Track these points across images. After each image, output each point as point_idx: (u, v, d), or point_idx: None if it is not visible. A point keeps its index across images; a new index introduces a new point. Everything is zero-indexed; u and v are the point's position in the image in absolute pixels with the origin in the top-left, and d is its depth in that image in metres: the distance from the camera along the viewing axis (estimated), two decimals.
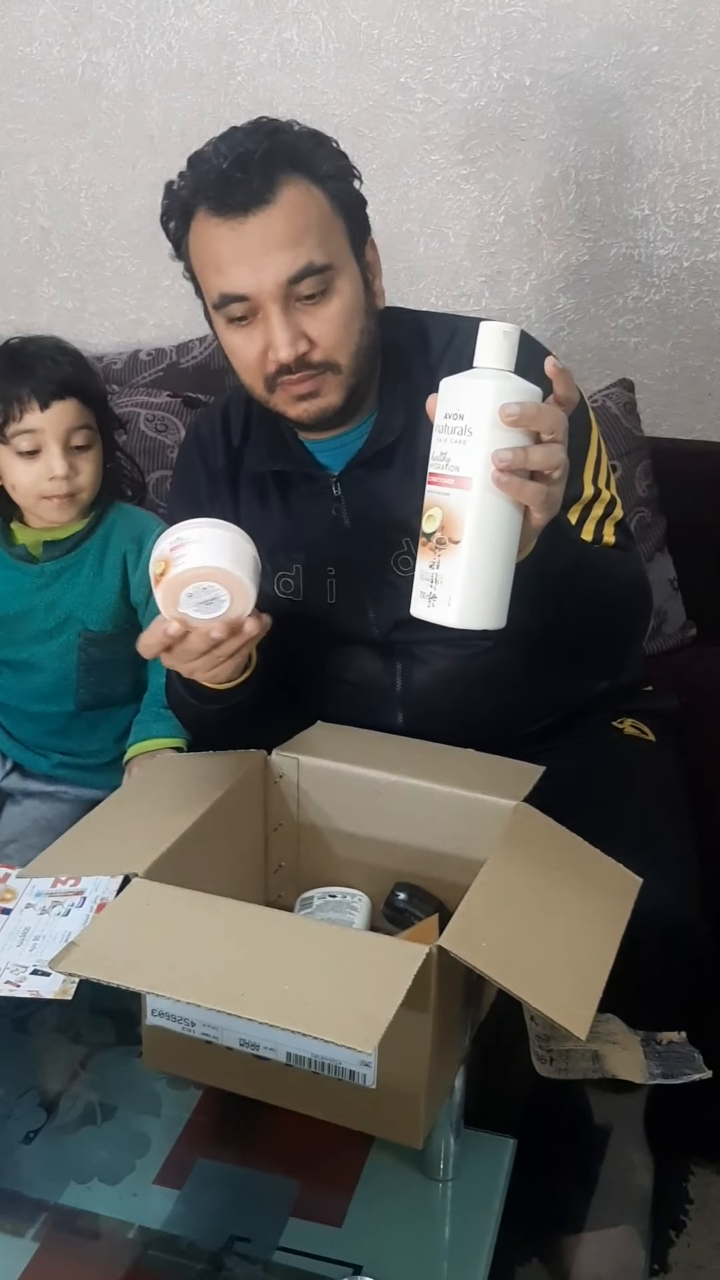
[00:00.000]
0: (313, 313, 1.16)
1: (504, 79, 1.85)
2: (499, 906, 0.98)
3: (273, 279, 1.13)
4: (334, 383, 1.20)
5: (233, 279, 1.15)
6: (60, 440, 1.39)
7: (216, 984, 0.88)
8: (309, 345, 1.17)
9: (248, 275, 1.14)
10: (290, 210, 1.13)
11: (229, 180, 1.12)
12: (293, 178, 1.14)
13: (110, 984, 0.88)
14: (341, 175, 1.19)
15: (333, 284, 1.16)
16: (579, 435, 1.21)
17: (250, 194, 1.12)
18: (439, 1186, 0.97)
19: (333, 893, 1.18)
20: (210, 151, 1.17)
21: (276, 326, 1.15)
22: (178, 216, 1.19)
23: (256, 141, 1.14)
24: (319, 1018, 0.84)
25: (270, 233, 1.13)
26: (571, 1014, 0.90)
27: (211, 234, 1.15)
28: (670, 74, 1.80)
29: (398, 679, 1.31)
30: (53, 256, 2.14)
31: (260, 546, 1.19)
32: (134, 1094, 1.04)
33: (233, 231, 1.13)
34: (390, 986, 0.86)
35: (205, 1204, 0.94)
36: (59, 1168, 0.97)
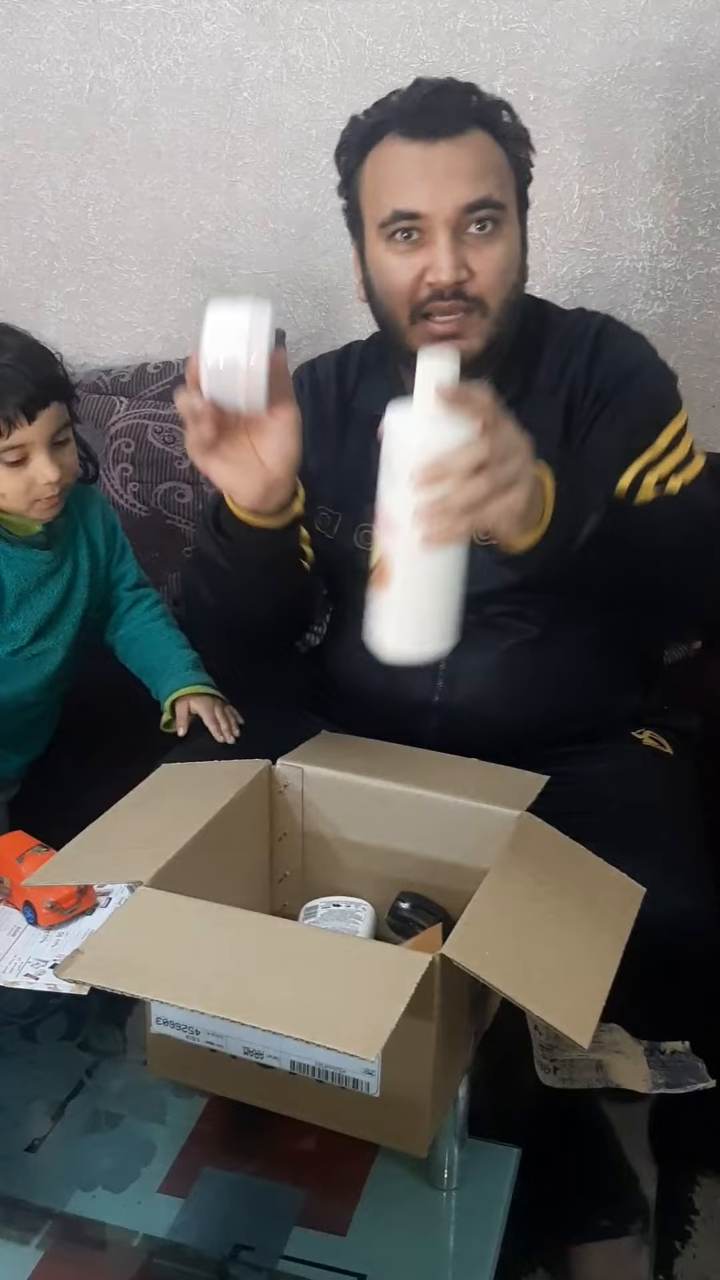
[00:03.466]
0: (478, 247, 1.20)
1: (508, 94, 1.81)
2: (502, 916, 0.98)
3: (452, 201, 1.18)
4: (479, 325, 1.23)
5: (413, 195, 1.19)
6: (46, 446, 1.38)
7: (220, 991, 0.88)
8: (469, 275, 1.20)
9: (429, 193, 1.18)
10: (477, 149, 1.20)
11: (429, 106, 1.19)
12: (479, 132, 1.21)
13: (115, 991, 0.89)
14: (521, 143, 1.25)
15: (502, 226, 1.21)
16: (658, 400, 1.29)
17: (445, 122, 1.18)
18: (443, 1195, 0.97)
19: (337, 902, 1.18)
20: (408, 88, 1.23)
21: (442, 249, 1.19)
22: (356, 147, 1.25)
23: (454, 87, 1.22)
24: (322, 1025, 0.85)
25: (457, 160, 1.18)
26: (575, 1023, 0.90)
27: (399, 153, 1.20)
28: (674, 89, 1.80)
29: (443, 662, 1.30)
30: (60, 270, 2.16)
31: (354, 494, 1.25)
32: (139, 1102, 1.04)
33: (423, 151, 1.18)
34: (393, 995, 0.87)
35: (210, 1212, 0.94)
36: (64, 1175, 0.98)
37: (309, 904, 1.19)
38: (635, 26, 1.79)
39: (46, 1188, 0.98)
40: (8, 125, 2.09)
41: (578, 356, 1.30)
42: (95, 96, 2.03)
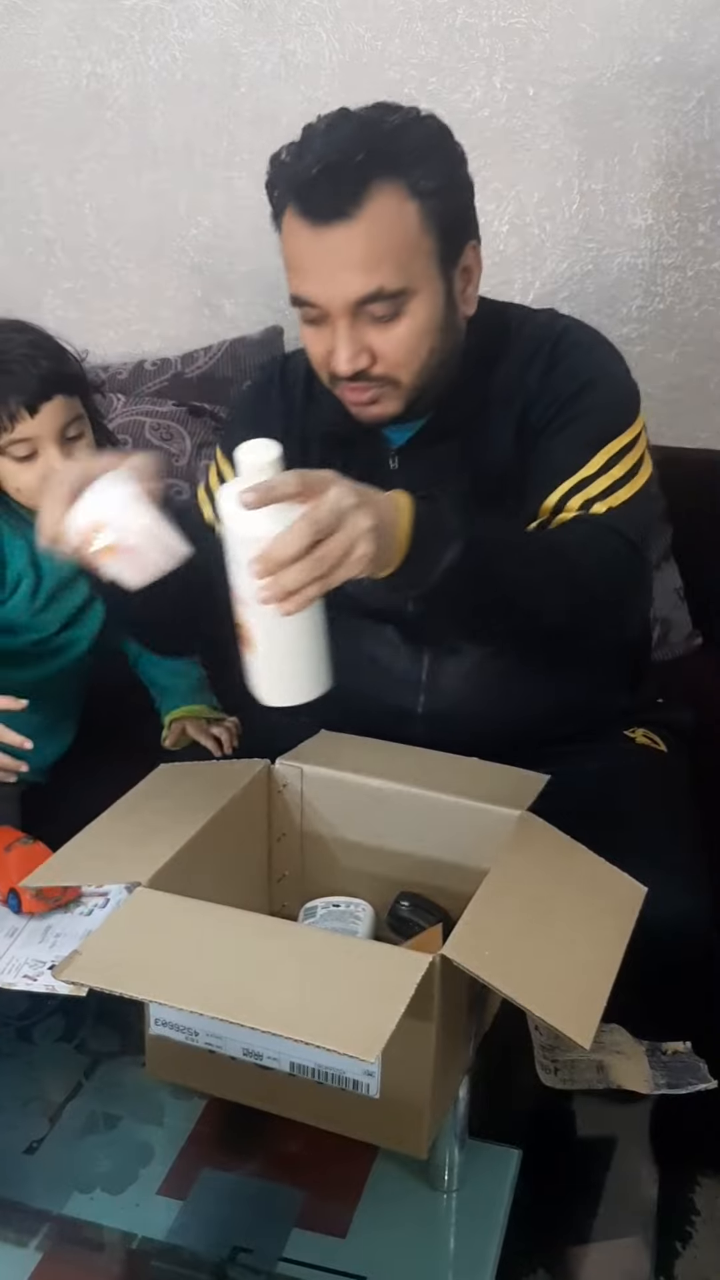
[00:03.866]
0: (381, 329, 1.14)
1: (507, 90, 1.86)
2: (503, 916, 0.98)
3: (342, 296, 1.12)
4: (393, 395, 1.19)
5: (306, 284, 1.14)
6: (56, 440, 1.36)
7: (219, 993, 0.88)
8: (370, 360, 1.16)
9: (319, 285, 1.13)
10: (373, 228, 1.10)
11: (316, 186, 1.10)
12: (387, 187, 1.10)
13: (113, 992, 0.88)
14: (447, 188, 1.14)
15: (405, 307, 1.14)
16: (602, 417, 1.22)
17: (334, 205, 1.09)
18: (443, 1197, 0.97)
19: (336, 902, 1.18)
20: (311, 143, 1.13)
21: (340, 340, 1.14)
22: (274, 193, 1.18)
23: (359, 144, 1.10)
24: (321, 1026, 0.84)
25: (348, 249, 1.10)
26: (576, 1024, 0.90)
27: (295, 232, 1.14)
28: (673, 84, 1.80)
29: (424, 665, 1.30)
30: (57, 267, 2.15)
31: None
32: (138, 1104, 1.04)
33: (313, 237, 1.11)
34: (393, 995, 0.86)
35: (209, 1214, 0.94)
36: (62, 1177, 0.97)
37: (308, 904, 1.19)
38: (635, 22, 1.78)
39: (45, 1190, 0.97)
40: (4, 121, 2.09)
41: (536, 365, 1.24)
42: (92, 92, 2.03)
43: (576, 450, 1.21)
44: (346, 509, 0.94)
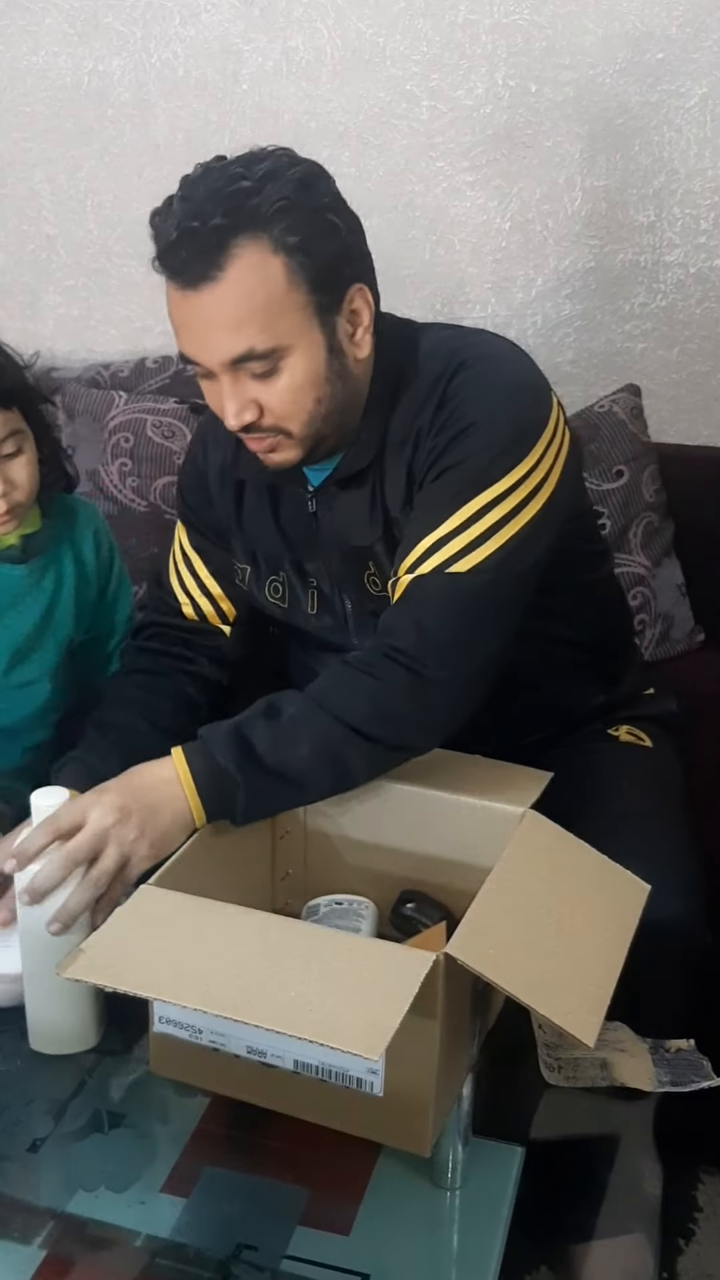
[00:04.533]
0: (261, 385, 1.14)
1: (509, 86, 1.85)
2: (507, 914, 0.98)
3: (217, 357, 1.12)
4: (288, 443, 1.18)
5: (185, 344, 1.15)
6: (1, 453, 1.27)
7: (223, 990, 0.88)
8: (258, 413, 1.15)
9: (196, 346, 1.13)
10: (235, 290, 1.09)
11: (176, 252, 1.10)
12: (249, 246, 1.08)
13: (116, 990, 0.88)
14: (313, 238, 1.10)
15: (280, 363, 1.13)
16: (474, 466, 1.16)
17: (197, 269, 1.09)
18: (447, 1195, 0.97)
19: (339, 900, 1.18)
20: (170, 205, 1.13)
21: (225, 394, 1.14)
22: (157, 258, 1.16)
23: (212, 209, 1.08)
24: (325, 1024, 0.84)
25: (214, 312, 1.10)
26: (580, 1022, 0.90)
27: (169, 293, 1.14)
28: (676, 81, 1.80)
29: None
30: (58, 264, 2.15)
31: (257, 549, 1.30)
32: (141, 1102, 1.04)
33: (183, 300, 1.12)
34: (397, 994, 0.86)
35: (212, 1212, 0.94)
36: (66, 1176, 0.97)
37: (311, 902, 1.19)
38: (637, 18, 1.78)
39: (48, 1188, 0.98)
40: (4, 118, 2.08)
41: (428, 405, 1.19)
42: (93, 89, 2.02)
43: (438, 506, 1.16)
44: (107, 828, 1.05)
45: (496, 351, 1.23)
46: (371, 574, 1.27)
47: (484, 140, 1.88)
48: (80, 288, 2.15)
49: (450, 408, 1.18)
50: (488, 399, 1.18)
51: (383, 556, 1.24)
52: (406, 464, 1.21)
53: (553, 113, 1.85)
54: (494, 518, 1.15)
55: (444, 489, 1.17)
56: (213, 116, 1.98)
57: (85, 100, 2.03)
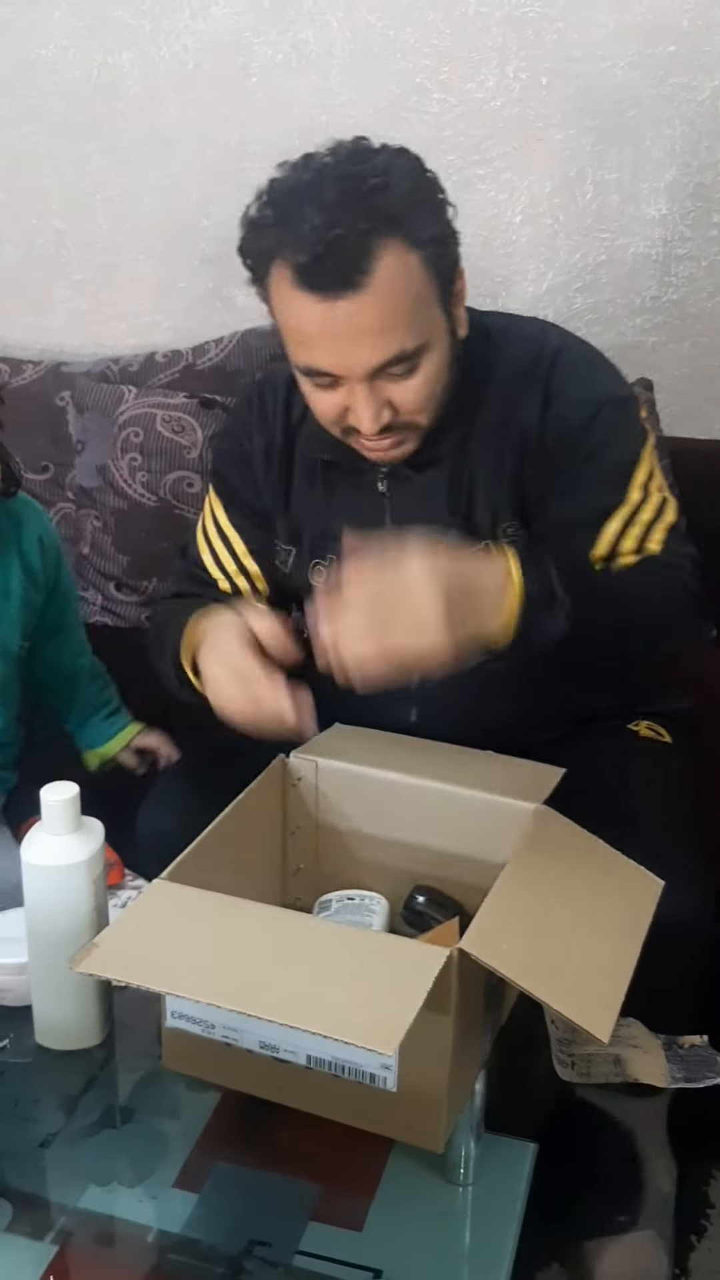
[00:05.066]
0: (399, 384, 1.12)
1: (520, 79, 1.85)
2: (520, 910, 0.98)
3: (361, 366, 1.09)
4: (413, 435, 1.18)
5: (319, 357, 1.11)
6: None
7: (236, 985, 0.87)
8: (392, 414, 1.14)
9: (335, 358, 1.10)
10: (384, 293, 1.07)
11: (321, 264, 1.05)
12: (390, 246, 1.06)
13: (129, 985, 0.88)
14: (439, 231, 1.11)
15: (421, 359, 1.12)
16: (622, 444, 1.21)
17: (343, 277, 1.05)
18: (460, 1191, 0.96)
19: (351, 895, 1.17)
20: (301, 209, 1.06)
21: (361, 401, 1.11)
22: (257, 257, 1.12)
23: (354, 215, 1.05)
24: (339, 1019, 0.84)
25: (362, 319, 1.07)
26: (594, 1018, 0.90)
27: (298, 304, 1.08)
28: (687, 74, 1.79)
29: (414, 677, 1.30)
30: (68, 259, 2.14)
31: (304, 531, 1.27)
32: (153, 1097, 1.04)
33: (322, 311, 1.07)
34: (411, 989, 0.86)
35: (224, 1208, 0.94)
36: (77, 1171, 0.97)
37: (323, 898, 1.18)
38: (649, 11, 1.77)
39: (60, 1183, 0.98)
40: (14, 112, 2.08)
41: (529, 395, 1.20)
42: (102, 83, 2.02)
43: (612, 486, 1.19)
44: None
45: (579, 340, 1.27)
46: None
47: (494, 133, 1.88)
48: (89, 282, 2.14)
49: (567, 398, 1.20)
50: (601, 386, 1.22)
51: (456, 539, 1.20)
52: (516, 447, 1.21)
53: (564, 106, 1.84)
54: (659, 479, 1.22)
55: (607, 469, 1.19)
56: (223, 110, 1.97)
57: (94, 94, 2.03)
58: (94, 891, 1.02)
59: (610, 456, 1.20)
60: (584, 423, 1.20)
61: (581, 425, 1.20)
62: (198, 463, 1.87)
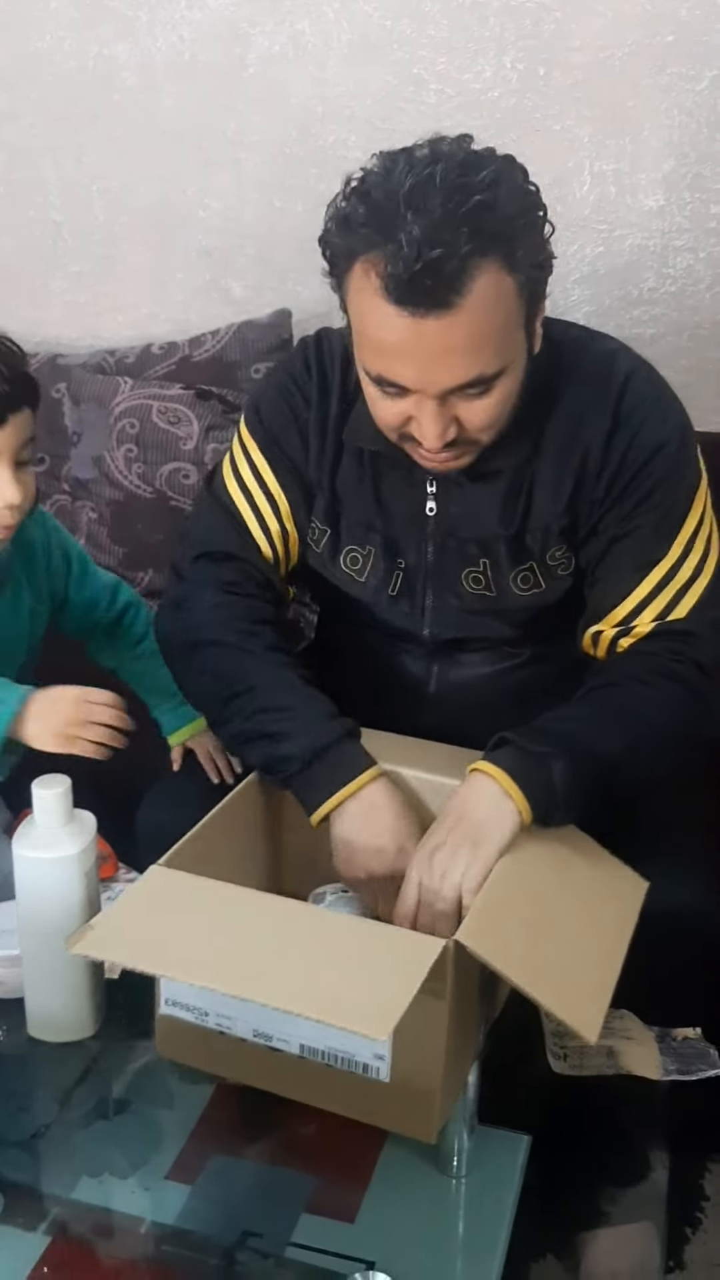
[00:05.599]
0: (469, 403, 1.08)
1: (518, 69, 1.84)
2: (513, 905, 0.98)
3: (437, 385, 1.05)
4: (472, 451, 1.14)
5: (397, 371, 1.06)
6: (11, 461, 1.16)
7: (230, 970, 0.88)
8: (458, 430, 1.10)
9: (414, 374, 1.05)
10: (475, 316, 1.02)
11: (419, 282, 0.99)
12: (488, 268, 1.01)
13: (125, 966, 0.88)
14: (539, 255, 1.07)
15: (498, 381, 1.07)
16: (676, 490, 1.17)
17: (436, 297, 1.00)
18: (453, 1183, 0.97)
19: (345, 888, 1.17)
20: (399, 218, 0.99)
21: (428, 417, 1.07)
22: (341, 253, 1.06)
23: (457, 234, 0.99)
24: (333, 1004, 0.84)
25: (449, 340, 1.02)
26: (583, 1017, 0.90)
27: (381, 315, 1.03)
28: (686, 64, 1.78)
29: (433, 681, 1.29)
30: (65, 250, 2.13)
31: (344, 514, 1.24)
32: (147, 1088, 1.04)
33: (408, 326, 1.02)
34: (406, 978, 0.86)
35: (218, 1199, 0.94)
36: (71, 1162, 0.97)
37: (317, 890, 1.18)
38: (647, 1, 1.76)
39: (53, 1174, 0.98)
40: (11, 103, 2.07)
41: (597, 416, 1.16)
42: (99, 74, 2.01)
43: (653, 539, 1.16)
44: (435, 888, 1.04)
45: (646, 365, 1.22)
46: (474, 571, 1.22)
47: (492, 124, 1.86)
48: (87, 274, 2.14)
49: (631, 427, 1.16)
50: (665, 418, 1.18)
51: (504, 554, 1.20)
52: (575, 475, 1.17)
53: (561, 96, 1.83)
54: (705, 533, 1.18)
55: (654, 517, 1.16)
56: (220, 101, 1.97)
57: (91, 85, 2.02)
58: (86, 884, 1.02)
59: (661, 502, 1.17)
60: (644, 461, 1.16)
61: (641, 465, 1.16)
62: (194, 454, 1.87)
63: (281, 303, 2.00)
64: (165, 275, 2.09)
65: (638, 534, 1.17)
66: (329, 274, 1.10)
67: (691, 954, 1.14)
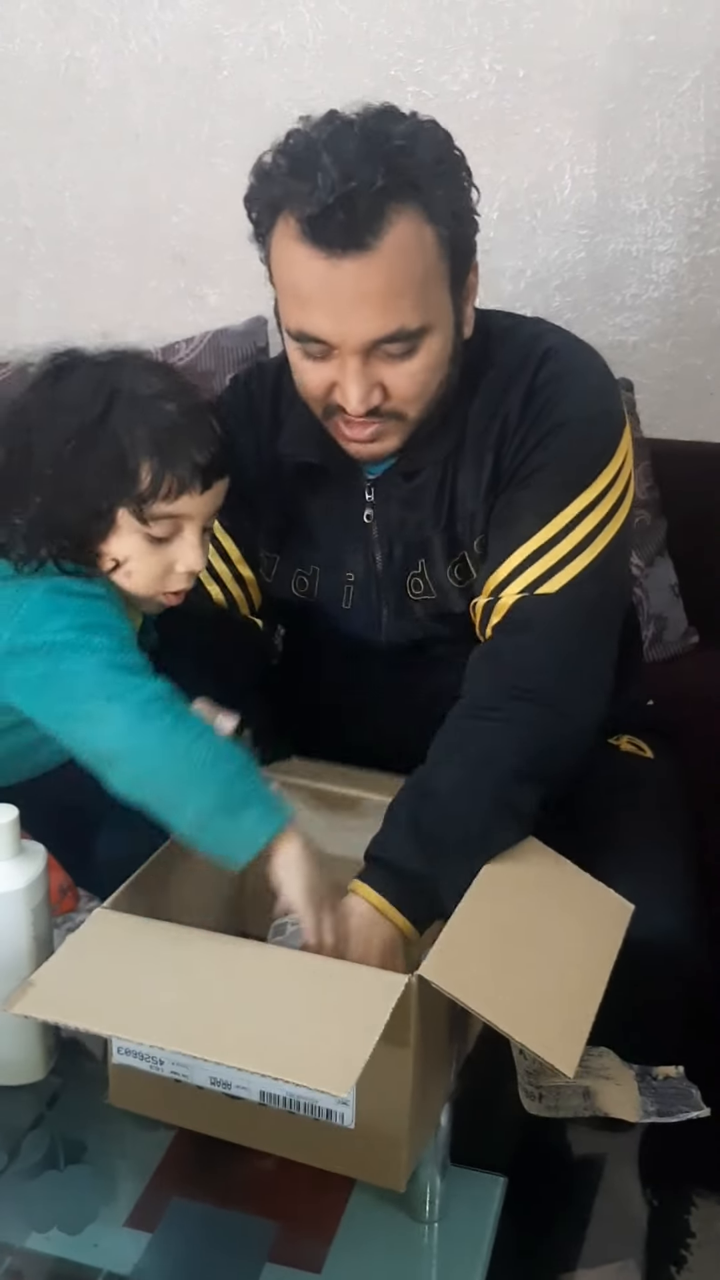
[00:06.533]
0: (394, 366, 1.06)
1: (496, 71, 1.81)
2: (484, 934, 0.95)
3: (358, 336, 1.03)
4: (396, 430, 1.12)
5: (315, 321, 1.04)
6: (204, 527, 1.11)
7: (183, 1023, 0.84)
8: (382, 397, 1.08)
9: (332, 324, 1.03)
10: (392, 260, 1.01)
11: (330, 216, 0.99)
12: (405, 212, 1.01)
13: (70, 1027, 0.84)
14: (461, 209, 1.06)
15: (421, 342, 1.06)
16: (565, 466, 1.12)
17: (351, 235, 0.99)
18: (425, 1228, 0.93)
19: None
20: (317, 160, 1.00)
21: (351, 377, 1.05)
22: (263, 207, 1.07)
23: (372, 171, 0.98)
24: (291, 1058, 0.81)
25: (365, 284, 1.01)
26: (560, 1052, 0.86)
27: (299, 260, 1.02)
28: (667, 64, 1.75)
29: (394, 693, 1.26)
30: (37, 257, 2.10)
31: (288, 537, 1.23)
32: (104, 1132, 1.00)
33: (325, 269, 1.01)
34: (367, 1023, 0.83)
35: (178, 1248, 0.90)
36: (21, 1211, 0.93)
37: (277, 921, 1.13)
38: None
39: (5, 1222, 0.93)
40: None
41: (514, 395, 1.14)
42: (71, 76, 1.98)
43: (532, 514, 1.12)
44: None
45: (575, 342, 1.19)
46: (417, 574, 1.20)
47: (470, 127, 1.79)
48: (59, 281, 2.10)
49: (541, 399, 1.13)
50: (576, 398, 1.13)
51: (438, 551, 1.18)
52: (493, 451, 1.14)
53: (541, 98, 1.80)
54: (593, 522, 1.12)
55: (537, 493, 1.12)
56: (193, 104, 1.93)
57: (62, 88, 1.99)
58: (33, 920, 0.98)
59: (546, 482, 1.13)
60: (542, 437, 1.12)
61: (539, 440, 1.13)
62: None
63: (257, 310, 1.97)
64: (139, 282, 2.06)
65: (523, 502, 1.13)
66: (255, 238, 1.10)
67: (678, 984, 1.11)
